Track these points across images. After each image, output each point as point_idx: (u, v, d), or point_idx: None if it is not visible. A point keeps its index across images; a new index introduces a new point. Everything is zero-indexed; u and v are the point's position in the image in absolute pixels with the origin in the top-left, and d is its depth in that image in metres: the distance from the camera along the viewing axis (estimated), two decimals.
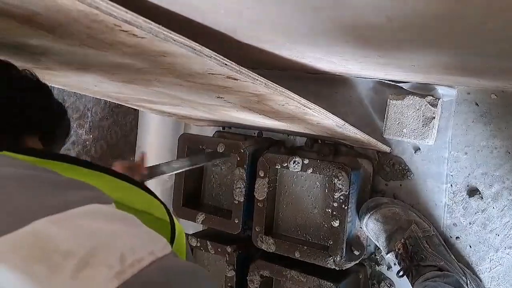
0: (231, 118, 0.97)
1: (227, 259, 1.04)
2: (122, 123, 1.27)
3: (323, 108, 0.68)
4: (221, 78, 0.52)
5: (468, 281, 0.85)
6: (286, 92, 0.59)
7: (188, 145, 1.12)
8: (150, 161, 1.27)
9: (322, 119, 0.73)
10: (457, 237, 0.93)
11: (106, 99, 1.02)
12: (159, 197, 0.49)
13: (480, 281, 0.89)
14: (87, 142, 1.20)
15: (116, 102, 1.06)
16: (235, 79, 0.51)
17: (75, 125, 1.16)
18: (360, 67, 0.76)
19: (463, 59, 0.54)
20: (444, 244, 0.90)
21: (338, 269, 0.91)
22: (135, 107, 1.21)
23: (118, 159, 1.27)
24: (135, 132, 1.30)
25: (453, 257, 0.89)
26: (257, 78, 0.52)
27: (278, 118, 0.82)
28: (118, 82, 0.70)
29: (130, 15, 0.35)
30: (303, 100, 0.62)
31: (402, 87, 0.94)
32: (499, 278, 0.89)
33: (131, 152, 1.30)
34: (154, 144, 1.26)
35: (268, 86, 0.55)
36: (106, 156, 1.24)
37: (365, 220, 0.94)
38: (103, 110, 1.21)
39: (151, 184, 1.21)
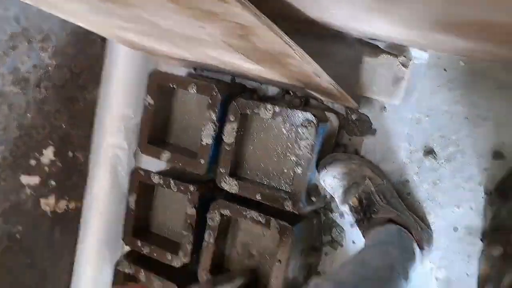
0: (207, 57, 0.96)
1: (189, 197, 1.05)
2: (89, 53, 1.21)
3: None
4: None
5: (419, 228, 0.92)
6: (273, 26, 0.59)
7: (159, 82, 1.10)
8: (116, 98, 1.24)
9: (302, 64, 0.74)
10: (408, 193, 0.99)
11: (75, 21, 0.97)
12: (123, 134, 0.47)
13: (431, 230, 0.96)
14: (49, 68, 1.14)
15: (85, 28, 1.00)
16: (225, 1, 0.51)
17: (38, 47, 1.10)
18: (348, 14, 0.75)
19: (449, 10, 0.56)
20: (397, 196, 0.96)
21: (296, 213, 0.95)
22: (105, 36, 1.16)
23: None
24: (101, 64, 1.25)
25: (405, 207, 0.95)
26: (247, 4, 0.52)
27: (257, 60, 0.82)
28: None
29: None
30: (286, 37, 0.62)
31: (378, 46, 0.96)
32: (440, 232, 0.96)
33: (96, 84, 1.25)
34: (122, 79, 1.23)
35: (258, 17, 0.54)
36: (69, 85, 1.19)
37: (322, 175, 0.98)
38: (69, 36, 1.15)
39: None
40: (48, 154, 1.18)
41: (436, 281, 0.98)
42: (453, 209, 0.95)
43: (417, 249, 0.90)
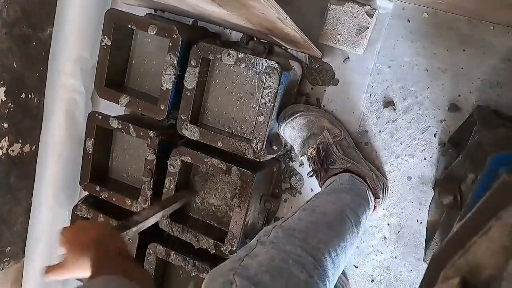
0: None
1: (149, 143, 1.04)
2: None
3: None
4: None
5: (374, 176, 0.95)
6: None
7: (116, 22, 1.04)
8: (71, 38, 1.17)
9: (266, 8, 0.71)
10: (366, 143, 1.01)
11: None
12: (80, 77, 0.45)
13: (386, 179, 1.00)
14: None
15: None
16: None
17: None
18: None
19: None
20: (355, 146, 0.99)
21: (257, 160, 0.96)
22: None
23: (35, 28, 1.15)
24: (55, 2, 1.17)
25: (362, 157, 0.98)
26: None
27: (220, 2, 0.78)
28: None
29: None
30: None
31: None
32: (394, 181, 1.01)
33: (50, 23, 1.17)
34: (77, 18, 1.15)
35: None
36: (21, 23, 1.11)
37: (282, 127, 0.98)
38: None
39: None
40: None
41: (388, 226, 1.03)
42: (408, 159, 0.99)
43: (371, 197, 0.93)
